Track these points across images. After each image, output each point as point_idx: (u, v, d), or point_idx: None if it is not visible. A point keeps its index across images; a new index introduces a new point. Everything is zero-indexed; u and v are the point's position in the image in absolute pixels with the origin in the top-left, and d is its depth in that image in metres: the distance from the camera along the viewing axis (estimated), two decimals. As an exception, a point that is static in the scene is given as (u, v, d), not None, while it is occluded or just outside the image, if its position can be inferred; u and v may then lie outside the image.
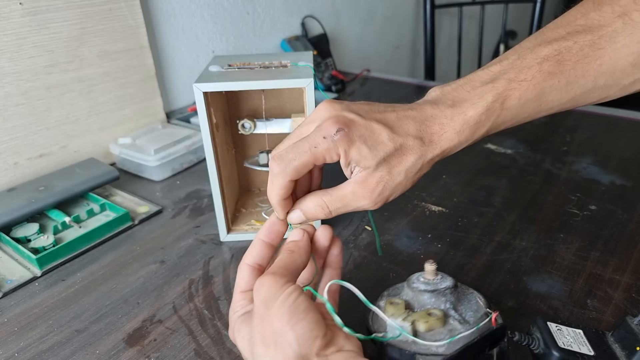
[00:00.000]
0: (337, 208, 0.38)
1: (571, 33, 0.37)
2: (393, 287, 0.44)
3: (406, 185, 0.38)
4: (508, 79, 0.37)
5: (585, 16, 0.37)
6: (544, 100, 0.37)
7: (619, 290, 0.50)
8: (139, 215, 0.69)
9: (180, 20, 1.01)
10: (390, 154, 0.36)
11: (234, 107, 0.66)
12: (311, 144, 0.36)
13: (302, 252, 0.38)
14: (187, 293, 0.54)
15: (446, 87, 0.39)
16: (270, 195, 0.39)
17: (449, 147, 0.38)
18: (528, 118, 0.39)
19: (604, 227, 0.61)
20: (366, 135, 0.36)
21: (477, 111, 0.37)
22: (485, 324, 0.37)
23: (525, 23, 1.64)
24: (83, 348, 0.48)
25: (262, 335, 0.33)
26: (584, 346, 0.36)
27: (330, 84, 1.16)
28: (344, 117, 0.36)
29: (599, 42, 0.36)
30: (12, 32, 0.72)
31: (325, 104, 0.38)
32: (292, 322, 0.32)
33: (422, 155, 0.37)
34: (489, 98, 0.37)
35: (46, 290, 0.56)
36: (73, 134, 0.83)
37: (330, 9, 1.41)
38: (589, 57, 0.36)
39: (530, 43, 0.38)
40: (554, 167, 0.75)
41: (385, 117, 0.37)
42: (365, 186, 0.37)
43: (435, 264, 0.40)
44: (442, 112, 0.37)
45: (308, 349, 0.32)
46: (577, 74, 0.36)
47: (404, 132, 0.37)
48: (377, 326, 0.39)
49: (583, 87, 0.37)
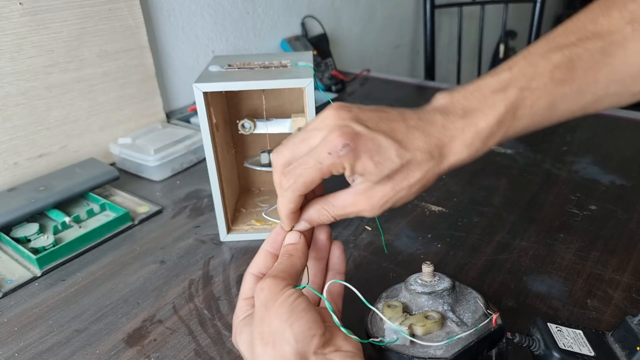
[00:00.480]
0: (339, 215, 0.39)
1: (581, 39, 0.36)
2: (391, 288, 0.43)
3: (409, 198, 0.38)
4: (519, 88, 0.36)
5: (594, 22, 0.36)
6: (555, 108, 0.37)
7: (618, 290, 0.50)
8: (139, 215, 0.69)
9: (180, 20, 1.01)
10: (396, 170, 0.36)
11: (234, 107, 0.66)
12: (316, 159, 0.35)
13: (301, 254, 0.39)
14: (187, 293, 0.54)
15: (455, 94, 0.38)
16: (280, 209, 0.39)
17: (458, 160, 0.37)
18: (539, 126, 0.38)
19: (604, 227, 0.61)
20: (372, 150, 0.35)
21: (489, 122, 0.36)
22: (483, 326, 0.37)
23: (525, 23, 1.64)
24: (83, 348, 0.48)
25: (261, 335, 0.34)
26: (584, 347, 0.36)
27: (330, 84, 1.16)
28: (350, 130, 0.35)
29: (609, 49, 0.35)
30: (12, 32, 0.72)
31: (333, 110, 0.37)
32: (291, 320, 0.33)
33: (429, 170, 0.36)
34: (500, 108, 0.36)
35: (46, 290, 0.56)
36: (73, 134, 0.83)
37: (330, 9, 1.40)
38: (600, 64, 0.35)
39: (540, 49, 0.37)
40: (554, 167, 0.75)
41: (394, 129, 0.36)
42: (367, 198, 0.37)
43: (432, 266, 0.40)
44: (453, 123, 0.36)
45: (306, 347, 0.32)
46: (588, 81, 0.36)
47: (412, 146, 0.36)
48: (376, 329, 0.39)
49: (594, 95, 0.36)
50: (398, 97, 1.13)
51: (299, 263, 0.38)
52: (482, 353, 0.37)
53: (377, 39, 1.64)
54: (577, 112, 0.38)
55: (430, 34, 1.58)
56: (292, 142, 0.38)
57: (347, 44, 1.51)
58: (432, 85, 1.19)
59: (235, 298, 0.53)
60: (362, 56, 1.58)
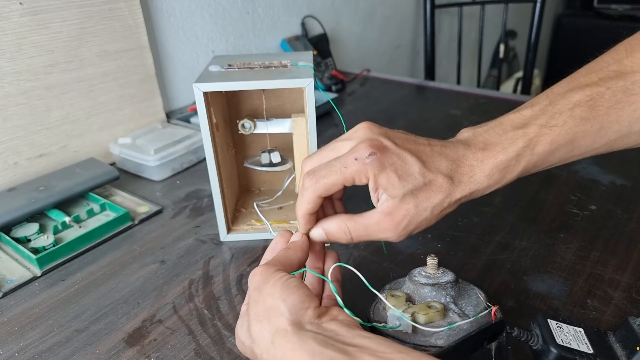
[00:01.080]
0: (360, 236, 0.39)
1: (603, 79, 0.37)
2: (395, 281, 0.44)
3: (430, 222, 0.38)
4: (539, 125, 0.37)
5: (619, 62, 0.37)
6: (576, 145, 0.38)
7: (618, 290, 0.50)
8: (139, 215, 0.69)
9: (180, 20, 1.01)
10: (419, 188, 0.37)
11: (234, 107, 0.66)
12: (342, 164, 0.36)
13: (298, 249, 0.39)
14: (187, 293, 0.54)
15: (478, 128, 0.40)
16: (298, 208, 0.39)
17: (477, 189, 0.38)
18: (560, 162, 0.39)
19: (604, 227, 0.61)
20: (397, 164, 0.36)
21: (508, 156, 0.37)
22: (484, 318, 0.37)
23: (525, 23, 1.64)
24: (83, 348, 0.48)
25: (256, 315, 0.34)
26: (584, 344, 0.36)
27: (330, 83, 1.16)
28: (378, 142, 0.36)
29: (632, 88, 0.36)
30: (12, 32, 0.72)
31: (365, 124, 0.38)
32: (284, 295, 0.33)
33: (449, 194, 0.37)
34: (520, 143, 0.37)
35: (46, 290, 0.56)
36: (73, 134, 0.83)
37: (330, 9, 1.41)
38: (622, 103, 0.36)
39: (562, 88, 0.39)
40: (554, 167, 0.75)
41: (419, 150, 0.37)
42: (392, 218, 0.37)
43: (436, 258, 0.41)
44: (473, 154, 0.38)
45: (300, 317, 0.33)
46: (610, 120, 0.36)
47: (435, 168, 0.37)
48: (378, 318, 0.40)
49: (617, 133, 0.37)
50: (398, 97, 1.13)
51: (294, 256, 0.38)
52: (482, 345, 0.37)
53: (377, 39, 1.64)
54: (601, 149, 0.38)
55: (430, 34, 1.59)
56: (322, 150, 0.39)
57: (347, 44, 1.51)
58: (432, 85, 1.19)
59: (236, 298, 0.53)
60: (362, 56, 1.58)
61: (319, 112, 1.00)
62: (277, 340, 0.32)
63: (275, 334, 0.32)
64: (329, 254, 0.43)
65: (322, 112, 1.01)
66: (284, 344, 0.32)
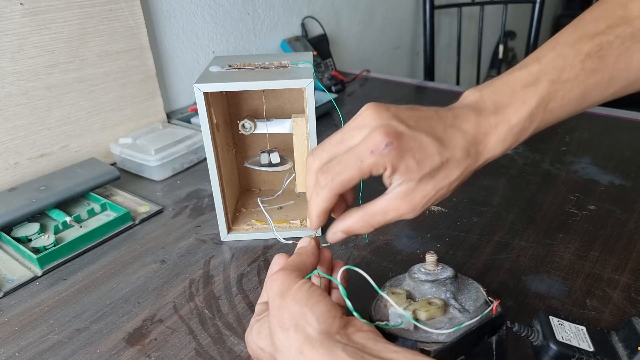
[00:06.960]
0: (379, 222, 0.37)
1: (611, 26, 0.36)
2: (395, 278, 0.44)
3: (446, 195, 0.37)
4: (550, 81, 0.36)
5: (624, 7, 0.36)
6: (587, 97, 0.37)
7: (617, 290, 0.50)
8: (140, 215, 0.69)
9: (181, 21, 1.01)
10: (437, 168, 0.35)
11: (234, 107, 0.66)
12: (357, 157, 0.34)
13: (310, 254, 0.39)
14: (188, 292, 0.54)
15: (484, 89, 0.38)
16: (313, 207, 0.38)
17: (493, 155, 0.37)
18: (570, 115, 0.38)
19: (603, 227, 0.61)
20: (415, 149, 0.34)
21: (521, 117, 0.36)
22: (485, 313, 0.38)
23: (524, 23, 1.64)
24: (84, 347, 0.48)
25: (281, 323, 0.33)
26: (584, 342, 0.37)
27: (330, 84, 1.16)
28: (392, 129, 0.34)
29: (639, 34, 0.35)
30: (13, 32, 0.72)
31: (371, 109, 0.36)
32: (310, 303, 0.33)
33: (467, 167, 0.36)
34: (532, 103, 0.36)
35: (47, 289, 0.56)
36: (74, 134, 0.83)
37: (330, 9, 1.41)
38: (631, 50, 0.35)
39: (568, 38, 0.37)
40: (553, 167, 0.75)
41: (433, 127, 0.36)
42: (409, 200, 0.36)
43: (435, 255, 0.41)
44: (486, 119, 0.36)
45: (329, 327, 0.32)
46: (619, 68, 0.36)
47: (452, 145, 0.36)
48: (380, 316, 0.40)
49: (626, 80, 0.36)
50: (398, 97, 1.13)
51: (308, 261, 0.38)
52: (482, 339, 0.37)
53: (376, 40, 1.64)
54: (608, 97, 0.38)
55: (430, 35, 1.59)
56: (328, 144, 0.37)
57: (347, 44, 1.51)
58: (431, 86, 1.20)
59: (236, 297, 0.53)
60: (361, 57, 1.58)
61: (319, 113, 1.00)
62: (306, 350, 0.31)
63: (303, 344, 0.32)
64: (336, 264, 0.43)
65: (322, 113, 1.01)
66: (312, 354, 0.31)
